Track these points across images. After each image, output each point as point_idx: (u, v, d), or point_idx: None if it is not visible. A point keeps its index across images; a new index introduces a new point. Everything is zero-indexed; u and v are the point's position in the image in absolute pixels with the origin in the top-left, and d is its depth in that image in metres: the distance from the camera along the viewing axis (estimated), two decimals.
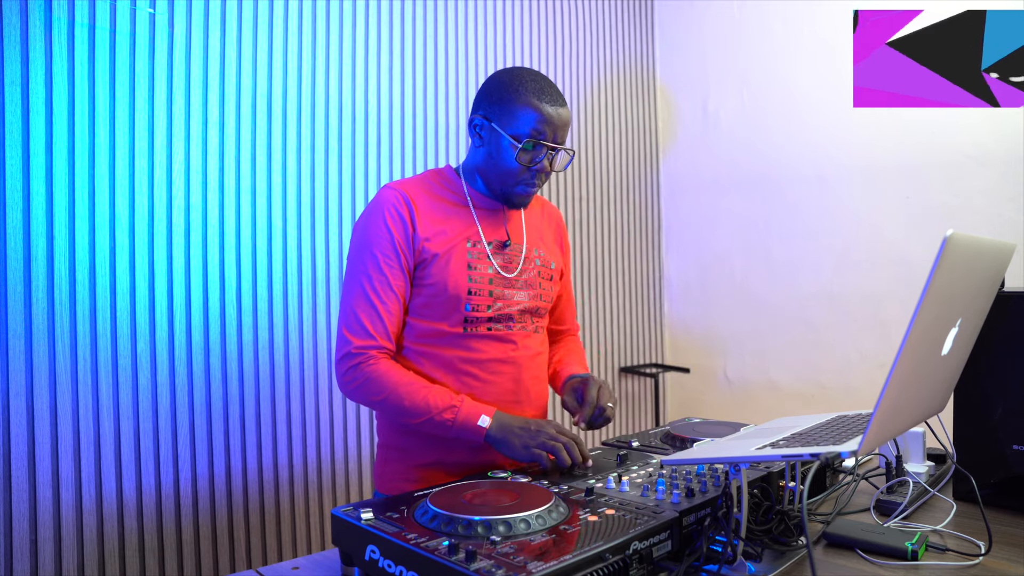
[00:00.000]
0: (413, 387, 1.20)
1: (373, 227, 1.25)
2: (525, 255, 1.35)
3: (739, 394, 3.10)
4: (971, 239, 0.82)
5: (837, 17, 2.70)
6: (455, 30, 2.57)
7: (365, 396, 1.23)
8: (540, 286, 1.36)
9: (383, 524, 0.86)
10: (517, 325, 1.32)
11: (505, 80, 1.26)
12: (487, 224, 1.32)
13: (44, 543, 1.68)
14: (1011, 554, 0.95)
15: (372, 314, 1.22)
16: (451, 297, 1.24)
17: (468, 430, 1.18)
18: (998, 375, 1.14)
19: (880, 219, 2.62)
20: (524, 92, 1.23)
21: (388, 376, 1.21)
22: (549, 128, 1.23)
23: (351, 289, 1.25)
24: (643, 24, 3.36)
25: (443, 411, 1.18)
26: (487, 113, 1.26)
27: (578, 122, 3.03)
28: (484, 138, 1.28)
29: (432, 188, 1.31)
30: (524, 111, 1.22)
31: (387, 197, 1.26)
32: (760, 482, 0.99)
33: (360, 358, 1.21)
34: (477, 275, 1.27)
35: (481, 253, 1.29)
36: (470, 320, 1.26)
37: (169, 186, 1.90)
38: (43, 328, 1.70)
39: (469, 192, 1.33)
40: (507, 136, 1.23)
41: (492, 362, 1.29)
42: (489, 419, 1.19)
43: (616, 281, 3.19)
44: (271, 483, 2.07)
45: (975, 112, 2.37)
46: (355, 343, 1.21)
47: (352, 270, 1.26)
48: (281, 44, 2.11)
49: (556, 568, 0.72)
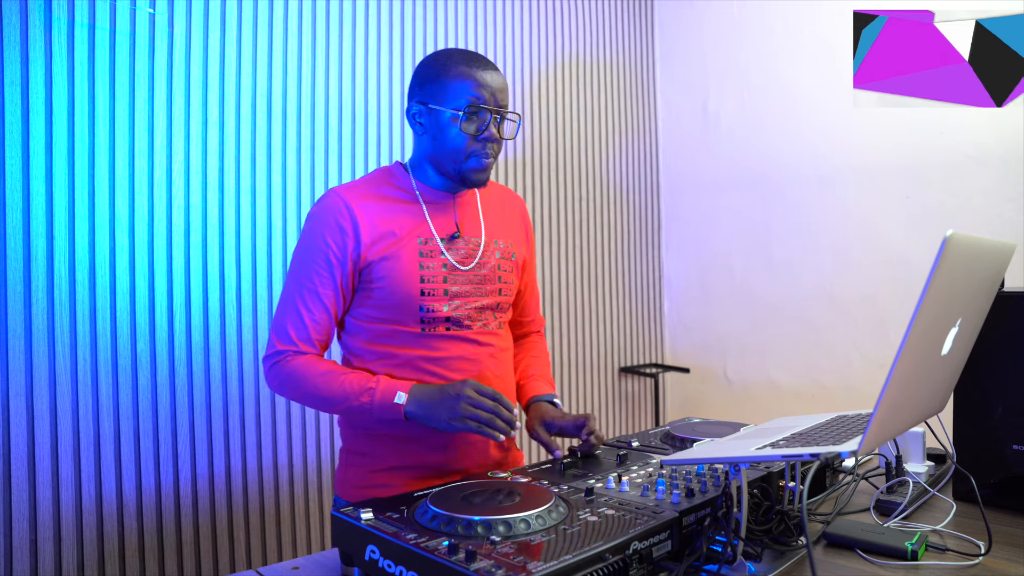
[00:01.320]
0: (330, 375, 1.20)
1: (311, 237, 1.25)
2: (484, 247, 1.32)
3: (739, 394, 3.10)
4: (971, 239, 0.82)
5: (837, 17, 2.70)
6: (455, 30, 2.57)
7: (289, 393, 1.25)
8: (500, 279, 1.33)
9: (383, 524, 0.86)
10: (478, 323, 1.30)
11: (431, 61, 1.26)
12: (438, 219, 1.29)
13: (44, 543, 1.68)
14: (1011, 554, 0.95)
15: (297, 322, 1.23)
16: (404, 299, 1.23)
17: (388, 410, 1.17)
18: (998, 375, 1.14)
19: (880, 219, 2.62)
20: (453, 64, 1.22)
21: (305, 369, 1.21)
22: (487, 92, 1.22)
23: (283, 296, 1.27)
24: (643, 24, 3.37)
25: (360, 395, 1.18)
26: (421, 98, 1.25)
27: (578, 122, 3.03)
28: (425, 124, 1.25)
29: (379, 189, 1.29)
30: (457, 82, 1.21)
31: (329, 205, 1.24)
32: (760, 482, 0.99)
33: (278, 358, 1.24)
34: (430, 274, 1.24)
35: (433, 250, 1.26)
36: (426, 320, 1.25)
37: (169, 186, 1.90)
38: (43, 328, 1.70)
39: (418, 187, 1.30)
40: (447, 111, 1.22)
41: (453, 360, 1.27)
42: (405, 395, 1.16)
43: (616, 281, 3.19)
44: (271, 483, 2.07)
45: (975, 112, 2.37)
46: (277, 346, 1.24)
47: (289, 276, 1.27)
48: (281, 44, 2.11)
49: (556, 568, 0.72)
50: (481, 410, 1.13)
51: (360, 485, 1.28)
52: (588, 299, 3.06)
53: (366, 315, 1.27)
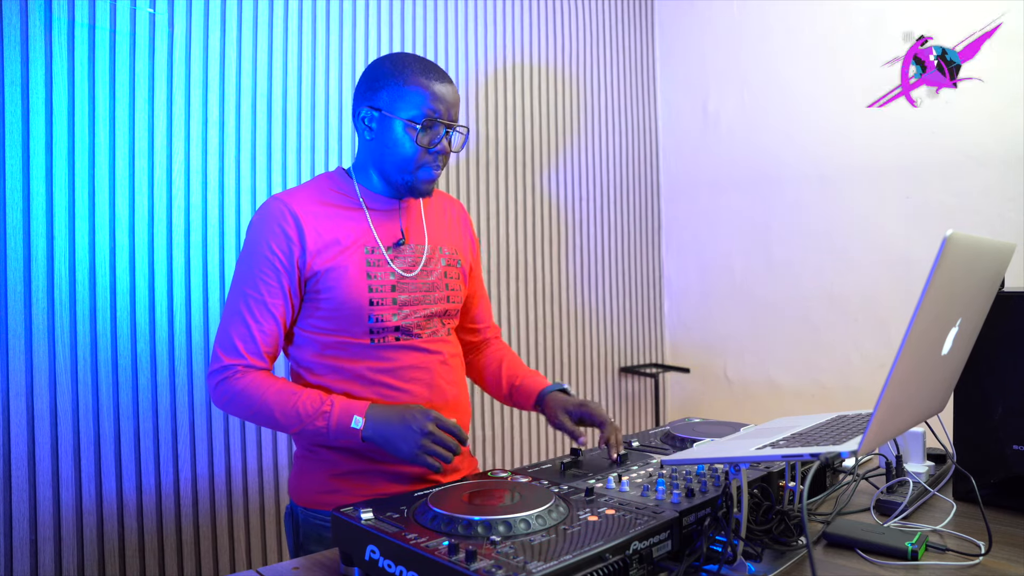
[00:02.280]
0: (283, 395, 1.16)
1: (255, 244, 1.20)
2: (428, 255, 1.30)
3: (739, 394, 3.10)
4: (971, 239, 0.82)
5: (837, 17, 2.70)
6: (455, 30, 2.57)
7: (238, 412, 1.19)
8: (448, 287, 1.32)
9: (383, 524, 0.86)
10: (427, 331, 1.28)
11: (387, 67, 1.22)
12: (382, 227, 1.26)
13: (44, 543, 1.68)
14: (1011, 554, 0.95)
15: (244, 333, 1.18)
16: (353, 310, 1.20)
17: (344, 434, 1.13)
18: (998, 375, 1.14)
19: (880, 219, 2.62)
20: (411, 73, 1.20)
21: (255, 387, 1.16)
22: (442, 106, 1.21)
23: (228, 306, 1.21)
24: (643, 24, 3.37)
25: (315, 418, 1.14)
26: (374, 103, 1.22)
27: (578, 122, 3.03)
28: (375, 129, 1.22)
29: (323, 196, 1.25)
30: (415, 92, 1.19)
31: (272, 211, 1.20)
32: (760, 482, 0.99)
33: (226, 373, 1.18)
34: (377, 283, 1.22)
35: (380, 259, 1.23)
36: (376, 331, 1.22)
37: (169, 186, 1.90)
38: (43, 328, 1.70)
39: (362, 193, 1.27)
40: (401, 120, 1.19)
41: (405, 369, 1.25)
42: (362, 419, 1.13)
43: (616, 281, 3.19)
44: (271, 483, 2.07)
45: (975, 112, 2.37)
46: (224, 360, 1.18)
47: (233, 287, 1.22)
48: (281, 44, 2.11)
49: (556, 568, 0.72)
50: (442, 447, 1.11)
51: (315, 491, 1.25)
52: (588, 299, 3.06)
53: (313, 326, 1.23)
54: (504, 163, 2.72)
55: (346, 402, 1.16)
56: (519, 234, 2.77)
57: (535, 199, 2.83)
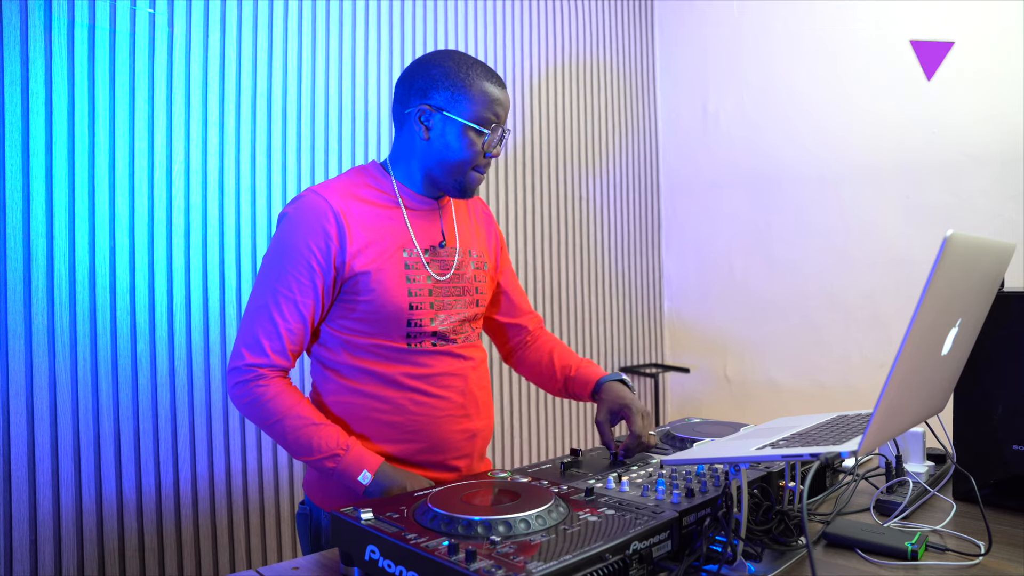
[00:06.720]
0: (301, 421, 1.14)
1: (292, 240, 1.16)
2: (460, 258, 1.27)
3: (739, 394, 3.10)
4: (971, 239, 0.82)
5: (837, 17, 2.70)
6: (455, 30, 2.57)
7: (255, 419, 1.17)
8: (477, 291, 1.30)
9: (383, 524, 0.86)
10: (461, 336, 1.26)
11: (449, 65, 1.18)
12: (419, 227, 1.23)
13: (44, 543, 1.68)
14: (1011, 554, 0.95)
15: (271, 331, 1.14)
16: (392, 313, 1.17)
17: (349, 482, 1.13)
18: (998, 375, 1.14)
19: (880, 219, 2.62)
20: (476, 76, 1.18)
21: (278, 403, 1.14)
22: (502, 111, 1.20)
23: (255, 302, 1.17)
24: (643, 24, 3.37)
25: (326, 458, 1.12)
26: (432, 101, 1.18)
27: (578, 122, 3.03)
28: (432, 128, 1.18)
29: (361, 191, 1.21)
30: (482, 96, 1.17)
31: (313, 207, 1.16)
32: (760, 482, 0.99)
33: (249, 375, 1.15)
34: (416, 287, 1.19)
35: (417, 262, 1.21)
36: (413, 335, 1.20)
37: (169, 186, 1.90)
38: (43, 328, 1.70)
39: (400, 191, 1.23)
40: (466, 123, 1.17)
41: (440, 376, 1.23)
42: (370, 476, 1.12)
43: (616, 281, 3.19)
44: (271, 483, 2.07)
45: (975, 112, 2.37)
46: (248, 359, 1.15)
47: (261, 281, 1.17)
48: (281, 44, 2.11)
49: (556, 568, 0.72)
50: None
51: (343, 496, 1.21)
52: (588, 299, 3.06)
53: (346, 328, 1.20)
54: (504, 163, 2.72)
55: (360, 453, 1.14)
56: (519, 234, 2.77)
57: (535, 199, 2.83)
